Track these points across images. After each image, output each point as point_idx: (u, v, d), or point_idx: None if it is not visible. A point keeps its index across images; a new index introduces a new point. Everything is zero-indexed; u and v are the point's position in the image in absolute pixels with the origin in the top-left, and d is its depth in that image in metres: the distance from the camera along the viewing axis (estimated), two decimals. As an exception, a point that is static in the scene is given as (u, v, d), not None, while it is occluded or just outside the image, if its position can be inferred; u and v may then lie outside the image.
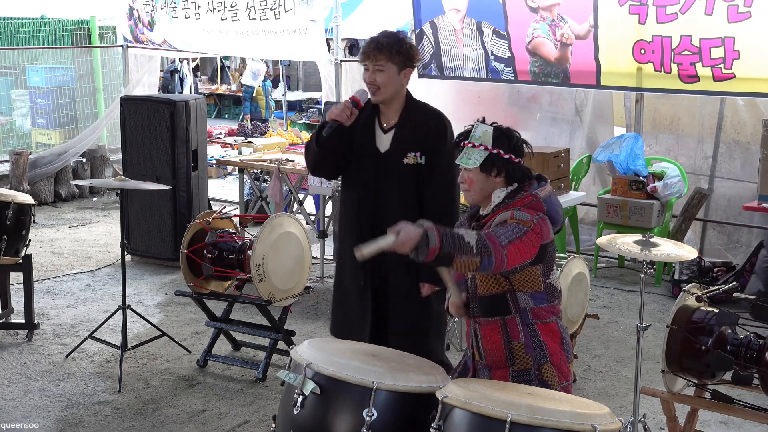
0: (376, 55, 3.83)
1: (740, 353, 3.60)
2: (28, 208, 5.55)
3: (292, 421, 2.75)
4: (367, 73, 3.86)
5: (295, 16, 8.14)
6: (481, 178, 3.01)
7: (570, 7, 7.01)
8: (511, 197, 3.02)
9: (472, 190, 3.04)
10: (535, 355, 3.00)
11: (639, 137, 7.15)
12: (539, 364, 3.00)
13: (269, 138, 10.50)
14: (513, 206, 2.98)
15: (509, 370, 3.00)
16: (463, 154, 3.01)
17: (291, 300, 5.25)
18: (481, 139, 3.00)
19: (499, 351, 3.01)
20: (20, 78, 10.86)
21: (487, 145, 3.00)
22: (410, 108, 3.95)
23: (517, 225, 2.91)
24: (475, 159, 2.98)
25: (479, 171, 3.00)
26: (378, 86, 3.85)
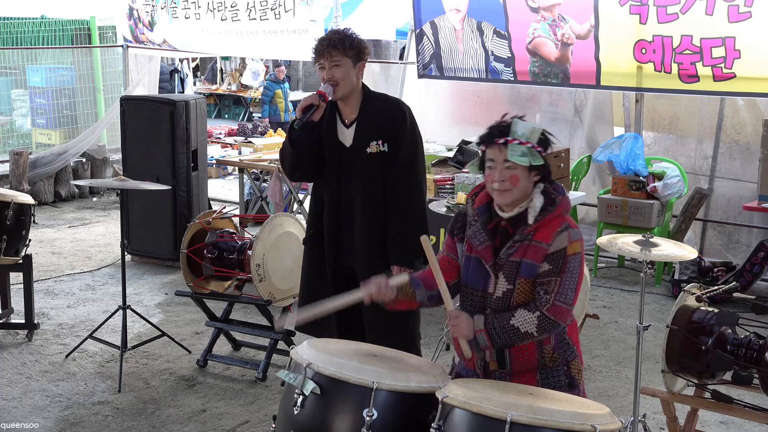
0: (331, 52, 3.89)
1: (740, 353, 3.60)
2: (28, 208, 5.55)
3: (292, 421, 2.74)
4: (324, 71, 3.92)
5: (295, 16, 8.14)
6: (525, 177, 2.89)
7: (571, 7, 7.01)
8: (550, 201, 2.92)
9: (516, 188, 2.89)
10: (563, 353, 2.97)
11: (639, 137, 7.15)
12: (568, 361, 2.98)
13: (269, 138, 10.50)
14: (557, 214, 2.89)
15: (537, 372, 2.95)
16: (513, 151, 2.86)
17: (291, 300, 5.24)
18: (527, 136, 2.89)
19: (531, 358, 2.94)
20: (20, 78, 10.86)
21: (534, 143, 2.89)
22: (368, 100, 4.02)
23: (575, 259, 2.85)
24: (529, 157, 2.86)
25: (526, 169, 2.88)
26: (337, 81, 3.90)
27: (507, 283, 2.90)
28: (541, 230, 2.89)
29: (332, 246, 4.02)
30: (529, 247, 2.88)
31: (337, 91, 3.92)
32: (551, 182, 3.00)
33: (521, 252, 2.89)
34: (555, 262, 2.85)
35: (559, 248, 2.85)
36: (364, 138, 3.97)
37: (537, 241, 2.87)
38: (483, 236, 2.98)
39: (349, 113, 4.01)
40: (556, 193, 2.95)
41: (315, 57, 3.96)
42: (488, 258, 2.95)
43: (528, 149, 2.86)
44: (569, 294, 2.84)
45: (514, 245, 2.91)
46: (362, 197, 3.98)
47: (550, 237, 2.86)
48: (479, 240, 2.98)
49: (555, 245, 2.85)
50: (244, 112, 17.76)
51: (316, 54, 3.95)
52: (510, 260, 2.90)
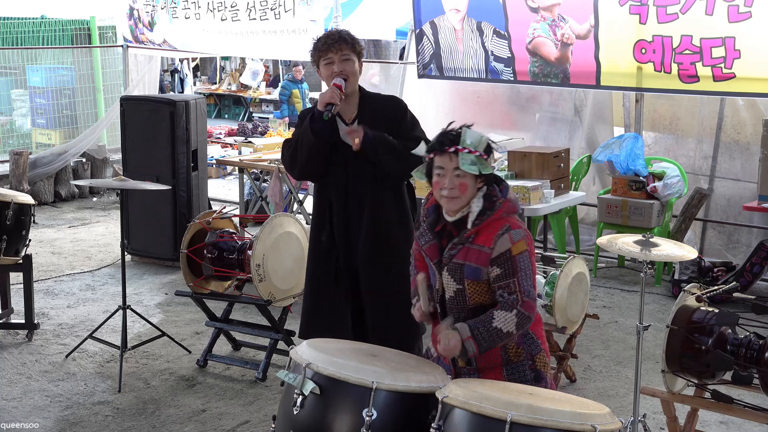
0: (341, 46, 3.88)
1: (740, 353, 3.60)
2: (28, 208, 5.55)
3: (291, 421, 2.75)
4: (332, 65, 3.88)
5: (295, 16, 8.14)
6: (472, 184, 3.00)
7: (570, 6, 7.01)
8: (490, 205, 3.00)
9: (464, 196, 3.00)
10: (527, 347, 3.06)
11: (639, 137, 7.15)
12: (533, 355, 3.07)
13: (269, 138, 10.50)
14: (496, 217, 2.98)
15: (503, 369, 3.03)
16: (464, 160, 2.96)
17: (291, 300, 5.25)
18: (475, 145, 2.98)
19: (495, 354, 3.03)
20: (20, 78, 10.86)
21: (481, 152, 2.99)
22: (366, 99, 4.03)
23: (523, 257, 2.94)
24: (480, 166, 2.95)
25: (473, 177, 2.99)
26: (348, 75, 3.90)
27: (455, 283, 3.02)
28: (482, 233, 2.99)
29: (343, 246, 4.00)
30: (470, 250, 2.99)
31: (348, 85, 3.90)
32: (498, 183, 3.09)
33: (463, 254, 3.00)
34: (504, 264, 2.95)
35: (504, 250, 2.95)
36: None
37: (479, 245, 2.98)
38: (429, 236, 3.12)
39: (348, 111, 4.00)
40: (499, 195, 3.03)
41: (322, 52, 3.91)
42: (433, 256, 3.09)
43: (477, 158, 2.96)
44: (530, 290, 2.96)
45: (455, 247, 3.02)
46: (371, 196, 3.97)
47: (491, 241, 2.97)
48: (425, 240, 3.13)
49: (498, 248, 2.95)
50: (244, 112, 17.76)
51: (323, 48, 3.90)
52: (453, 261, 3.02)
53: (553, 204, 6.28)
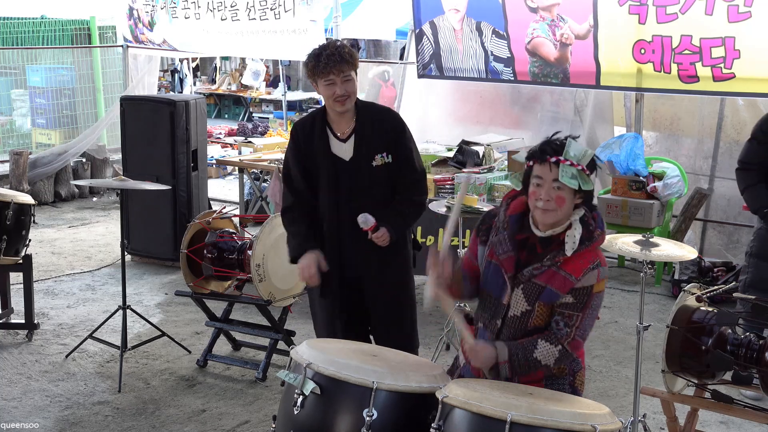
0: (342, 68, 3.81)
1: (740, 353, 3.60)
2: (28, 208, 5.55)
3: (292, 421, 2.75)
4: (334, 86, 3.81)
5: (295, 16, 8.14)
6: (570, 199, 2.86)
7: (570, 7, 7.01)
8: (588, 234, 2.89)
9: (560, 210, 2.86)
10: (569, 364, 2.98)
11: (639, 137, 7.15)
12: (574, 372, 3.00)
13: (269, 138, 10.50)
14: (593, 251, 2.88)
15: (543, 380, 2.95)
16: (565, 173, 2.81)
17: (291, 300, 5.25)
18: (578, 158, 2.83)
19: (539, 372, 2.95)
20: (20, 78, 10.86)
21: (584, 166, 2.84)
22: (362, 111, 3.95)
23: (599, 297, 2.87)
24: (579, 180, 2.82)
25: (572, 192, 2.85)
26: (349, 96, 3.85)
27: (526, 304, 2.89)
28: (572, 262, 2.86)
29: (335, 259, 3.96)
30: (557, 275, 2.86)
31: (347, 104, 3.86)
32: (592, 208, 2.97)
33: (547, 277, 2.87)
34: (580, 297, 2.85)
35: (587, 285, 2.85)
36: (367, 151, 3.91)
37: (566, 272, 2.85)
38: (508, 246, 2.95)
39: (343, 126, 3.93)
40: (595, 225, 2.92)
41: (322, 73, 3.82)
42: (509, 269, 2.93)
43: (578, 171, 2.82)
44: (587, 330, 2.88)
45: (541, 268, 2.88)
46: (368, 209, 3.91)
47: (581, 272, 2.85)
48: (503, 249, 2.95)
49: (584, 281, 2.85)
50: (244, 112, 17.74)
51: (324, 70, 3.82)
52: (533, 281, 2.88)
53: (553, 204, 6.27)
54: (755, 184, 4.81)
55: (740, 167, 4.91)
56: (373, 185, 3.93)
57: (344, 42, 4.00)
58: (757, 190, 4.80)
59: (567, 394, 2.85)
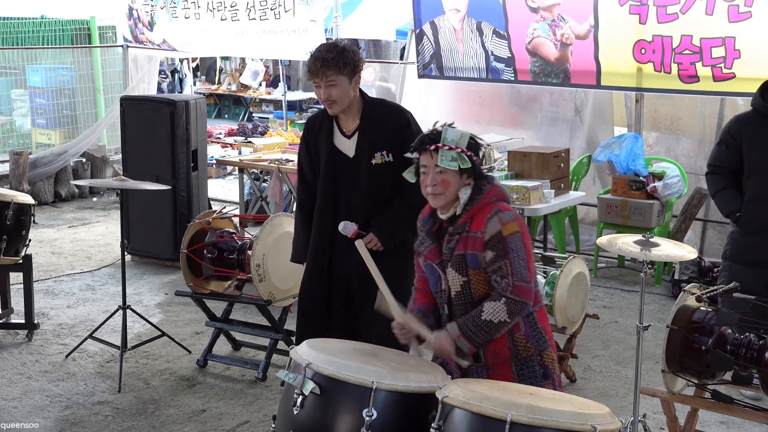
0: (326, 72, 3.83)
1: (740, 353, 3.60)
2: (28, 208, 5.55)
3: (292, 421, 2.75)
4: (320, 90, 3.88)
5: (295, 16, 8.14)
6: (456, 180, 3.03)
7: (570, 7, 7.01)
8: (477, 191, 3.05)
9: (448, 192, 3.04)
10: (535, 342, 3.06)
11: (639, 137, 7.15)
12: (541, 351, 3.06)
13: (269, 138, 10.50)
14: (485, 202, 3.02)
15: (512, 363, 3.03)
16: (443, 157, 3.00)
17: (291, 300, 5.24)
18: (456, 142, 3.01)
19: (503, 348, 3.03)
20: (20, 78, 10.86)
21: (462, 148, 3.02)
22: (368, 108, 3.98)
23: (514, 238, 2.96)
24: (458, 162, 2.99)
25: (457, 173, 3.02)
26: (334, 100, 3.88)
27: (461, 276, 3.03)
28: (474, 220, 3.02)
29: (324, 255, 4.00)
30: (468, 238, 3.01)
31: (334, 108, 3.90)
32: (488, 179, 3.11)
33: (462, 245, 3.02)
34: (495, 246, 2.97)
35: (494, 232, 2.97)
36: (368, 148, 3.93)
37: (473, 232, 3.01)
38: (428, 241, 3.14)
39: (349, 123, 3.97)
40: (486, 183, 3.07)
41: (309, 75, 3.90)
42: (434, 257, 3.10)
43: (458, 154, 3.00)
44: (524, 272, 2.95)
45: (452, 238, 3.05)
46: (365, 207, 3.94)
47: (482, 225, 2.99)
48: (425, 245, 3.15)
49: (489, 231, 2.98)
50: (244, 112, 17.74)
51: (309, 73, 3.89)
52: (454, 254, 3.03)
53: (553, 204, 6.28)
54: (725, 188, 4.83)
55: (710, 171, 4.94)
56: (371, 183, 3.95)
57: (346, 44, 3.97)
58: (728, 194, 4.82)
59: (567, 394, 2.85)
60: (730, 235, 4.88)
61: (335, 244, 4.01)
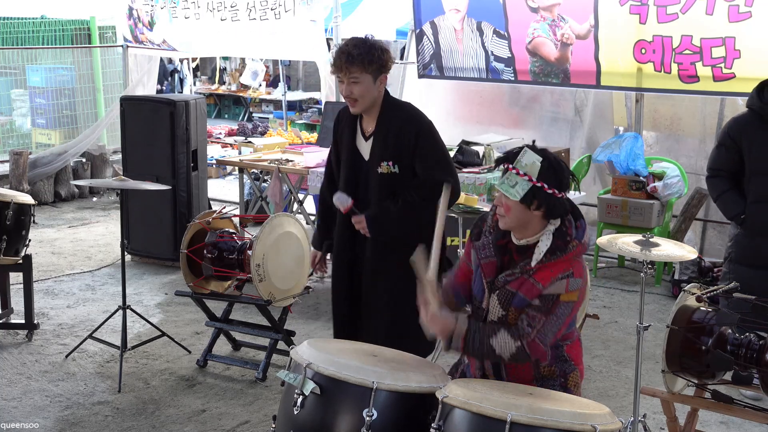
0: (349, 68, 3.75)
1: (740, 353, 3.60)
2: (28, 208, 5.55)
3: (292, 421, 2.75)
4: (342, 85, 3.81)
5: (295, 16, 8.14)
6: (519, 209, 2.85)
7: (570, 7, 7.01)
8: (562, 245, 2.87)
9: (509, 217, 2.88)
10: (559, 366, 2.99)
11: (639, 137, 7.15)
12: (566, 373, 2.99)
13: (269, 138, 10.49)
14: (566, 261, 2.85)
15: (533, 381, 2.96)
16: (506, 180, 2.84)
17: (291, 300, 5.24)
18: (527, 168, 2.82)
19: (527, 373, 2.96)
20: (20, 78, 10.86)
21: (532, 177, 2.81)
22: (386, 113, 3.89)
23: (566, 306, 2.83)
24: (516, 190, 2.81)
25: (518, 202, 2.84)
26: (355, 98, 3.80)
27: (501, 309, 2.93)
28: (543, 271, 2.86)
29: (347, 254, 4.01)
30: (527, 282, 2.87)
31: (356, 106, 3.83)
32: (577, 216, 2.95)
33: (518, 284, 2.89)
34: (545, 301, 2.84)
35: (554, 292, 2.83)
36: (378, 155, 3.90)
37: (535, 280, 2.86)
38: (490, 251, 2.98)
39: (369, 125, 3.91)
40: (573, 235, 2.89)
41: (333, 69, 3.82)
42: (488, 273, 2.97)
43: (521, 181, 2.81)
44: (549, 336, 2.84)
45: (514, 275, 2.90)
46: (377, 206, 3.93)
47: (549, 280, 2.84)
48: (485, 254, 2.99)
49: (551, 289, 2.84)
50: (244, 112, 17.74)
51: (333, 66, 3.81)
52: (506, 288, 2.91)
53: (553, 204, 6.26)
54: (727, 190, 4.82)
55: (710, 175, 4.91)
56: (377, 191, 3.91)
57: (376, 41, 3.86)
58: (730, 196, 4.81)
59: (566, 394, 2.85)
60: (734, 237, 4.85)
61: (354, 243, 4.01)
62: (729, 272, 4.79)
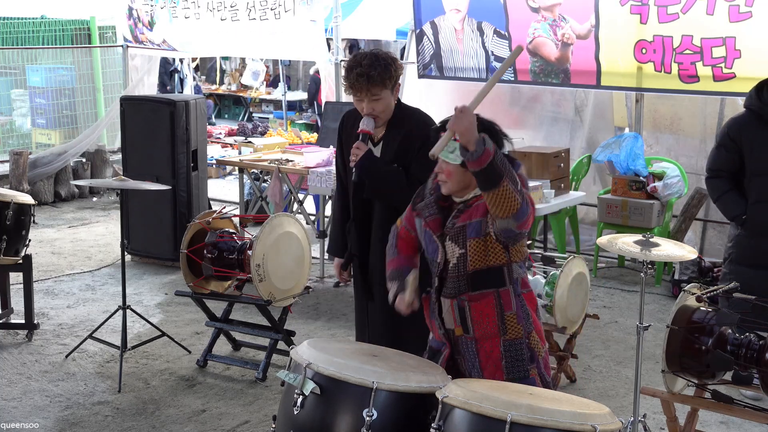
0: (370, 89, 3.75)
1: (740, 353, 3.60)
2: (28, 208, 5.55)
3: (292, 421, 2.75)
4: (362, 103, 3.80)
5: (295, 16, 8.14)
6: (459, 172, 3.00)
7: (571, 6, 7.01)
8: None
9: (450, 181, 3.03)
10: (524, 324, 3.06)
11: (639, 137, 7.15)
12: (528, 333, 3.06)
13: (269, 138, 10.49)
14: None
15: (500, 340, 3.02)
16: (445, 148, 2.93)
17: (291, 300, 5.25)
18: None
19: (491, 323, 3.03)
20: (20, 78, 10.86)
21: None
22: (398, 118, 3.90)
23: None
24: (456, 155, 2.92)
25: (458, 165, 2.98)
26: (377, 115, 3.82)
27: (458, 248, 3.01)
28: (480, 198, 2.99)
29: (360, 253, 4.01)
30: (471, 209, 3.01)
31: (378, 122, 3.84)
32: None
33: (465, 216, 3.01)
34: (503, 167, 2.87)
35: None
36: (387, 159, 3.90)
37: (478, 201, 3.00)
38: (433, 209, 3.12)
39: (379, 130, 3.92)
40: None
41: (351, 90, 3.81)
42: (436, 229, 3.09)
43: (457, 146, 2.89)
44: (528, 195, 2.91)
45: (458, 214, 3.04)
46: (378, 217, 3.94)
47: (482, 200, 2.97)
48: (429, 212, 3.13)
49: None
50: (244, 112, 17.74)
51: (352, 89, 3.79)
52: (456, 227, 3.02)
53: (553, 204, 6.28)
54: (728, 191, 4.81)
55: (710, 175, 4.90)
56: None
57: (386, 55, 3.86)
58: (731, 197, 4.80)
59: (566, 394, 2.85)
60: (735, 237, 4.84)
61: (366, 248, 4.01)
62: (729, 273, 4.78)
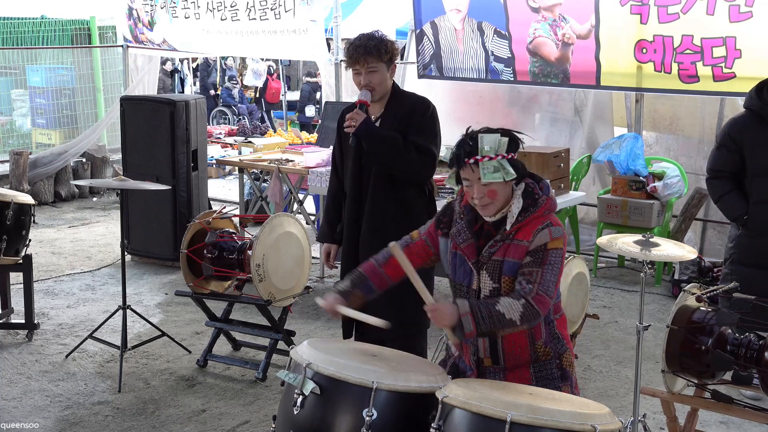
0: (367, 59, 3.98)
1: (740, 353, 3.60)
2: (28, 208, 5.55)
3: (292, 421, 2.74)
4: (360, 76, 4.02)
5: (295, 16, 8.15)
6: (502, 188, 2.91)
7: (571, 6, 7.01)
8: (532, 202, 2.94)
9: (496, 201, 2.92)
10: (554, 347, 3.03)
11: (639, 137, 7.15)
12: (560, 354, 3.04)
13: (269, 138, 10.50)
14: (540, 216, 2.92)
15: (530, 366, 3.00)
16: (487, 171, 2.86)
17: (291, 300, 5.24)
18: (495, 149, 2.88)
19: (524, 354, 2.99)
20: (20, 78, 10.87)
21: (503, 153, 2.88)
22: (395, 97, 4.11)
23: (556, 253, 2.88)
24: (503, 173, 2.86)
25: (503, 181, 2.89)
26: (374, 87, 4.02)
27: (492, 282, 2.96)
28: (522, 230, 2.93)
29: (351, 239, 4.12)
30: (510, 245, 2.93)
31: (375, 95, 4.03)
32: (537, 178, 3.03)
33: (503, 251, 2.94)
34: (536, 255, 2.89)
35: (541, 243, 2.90)
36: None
37: (518, 240, 2.93)
38: (467, 234, 3.05)
39: (375, 110, 4.09)
40: (541, 193, 2.98)
41: (349, 62, 4.03)
42: (471, 256, 3.02)
43: (499, 163, 2.87)
44: (551, 286, 2.88)
45: (496, 245, 2.96)
46: (372, 192, 4.07)
47: (531, 235, 2.91)
48: (463, 238, 3.05)
49: (536, 242, 2.90)
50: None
51: (350, 60, 4.02)
52: (492, 259, 2.96)
53: (553, 204, 6.26)
54: (729, 191, 4.80)
55: (711, 176, 4.89)
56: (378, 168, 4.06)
57: (384, 35, 4.10)
58: (732, 197, 4.79)
59: (566, 394, 2.85)
60: (736, 238, 4.83)
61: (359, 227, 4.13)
62: (730, 273, 4.77)
